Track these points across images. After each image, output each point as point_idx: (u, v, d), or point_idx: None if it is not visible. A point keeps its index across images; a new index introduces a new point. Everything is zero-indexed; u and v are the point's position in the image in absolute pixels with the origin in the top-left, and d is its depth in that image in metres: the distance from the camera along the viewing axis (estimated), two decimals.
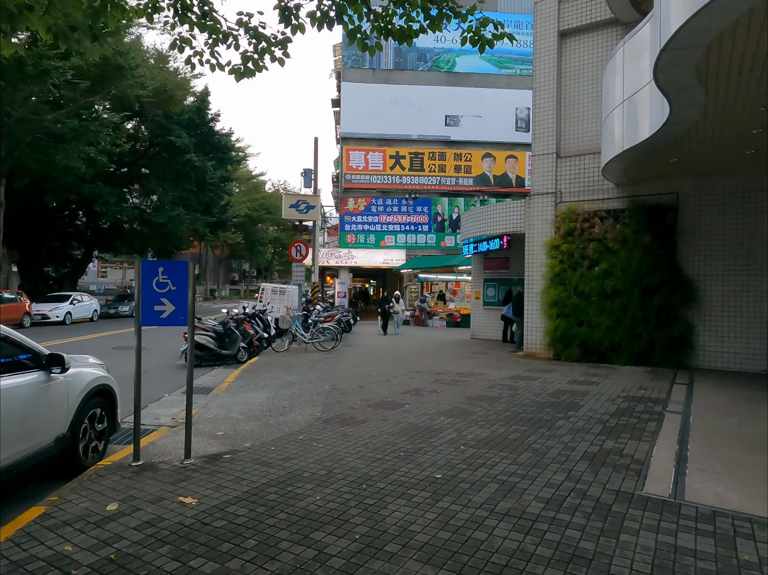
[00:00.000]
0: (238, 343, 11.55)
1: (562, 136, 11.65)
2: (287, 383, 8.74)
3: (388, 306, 18.18)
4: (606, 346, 10.58)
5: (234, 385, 8.76)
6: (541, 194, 11.74)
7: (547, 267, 11.39)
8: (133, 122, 30.20)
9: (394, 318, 18.38)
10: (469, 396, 7.51)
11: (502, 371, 9.83)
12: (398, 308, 18.67)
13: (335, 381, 8.78)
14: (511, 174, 27.66)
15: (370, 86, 26.35)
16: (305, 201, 14.00)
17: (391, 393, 7.79)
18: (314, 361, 11.25)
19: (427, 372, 9.75)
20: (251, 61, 4.02)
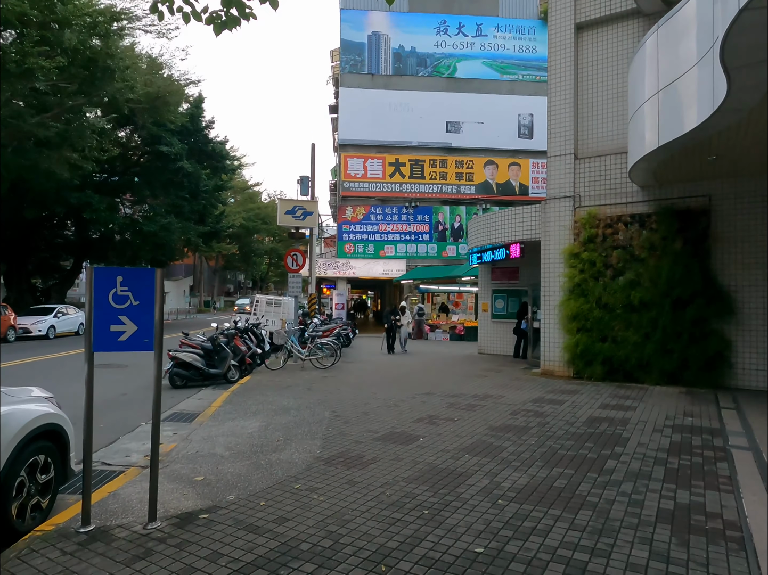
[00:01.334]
0: (228, 361, 10.52)
1: (580, 135, 10.79)
2: (282, 408, 7.71)
3: (395, 319, 15.90)
4: (633, 364, 9.61)
5: (222, 411, 7.73)
6: (558, 198, 10.85)
7: (566, 277, 10.46)
8: (125, 130, 29.34)
9: (402, 335, 16.22)
10: (492, 425, 6.50)
11: (521, 393, 8.84)
12: (404, 321, 16.46)
13: (336, 406, 7.76)
14: (514, 182, 26.89)
15: (368, 92, 25.61)
16: (302, 207, 13.09)
17: (401, 421, 6.78)
18: (312, 381, 10.23)
19: (439, 394, 8.75)
20: (234, 4, 3.08)
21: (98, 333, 3.51)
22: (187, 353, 10.17)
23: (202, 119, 30.82)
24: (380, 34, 25.73)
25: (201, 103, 30.87)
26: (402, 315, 16.29)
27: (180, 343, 11.04)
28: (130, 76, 18.81)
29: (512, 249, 12.47)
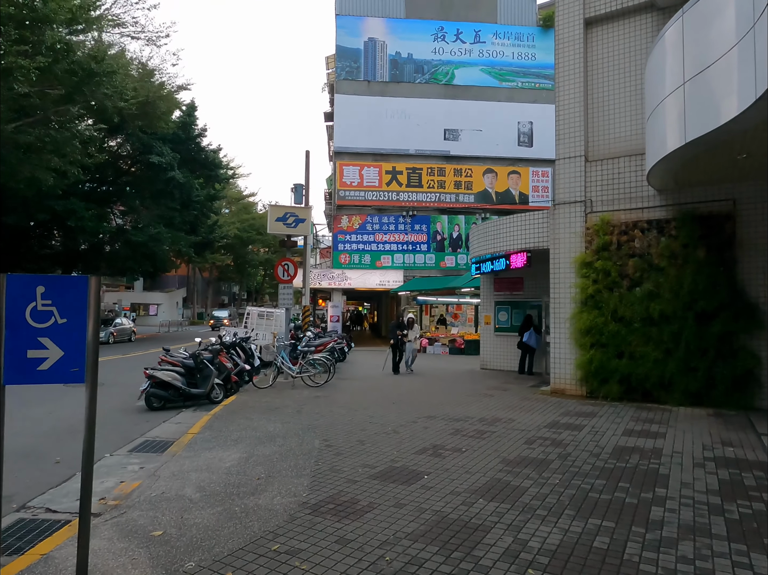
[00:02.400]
0: (211, 380, 9.65)
1: (591, 137, 10.09)
2: (267, 436, 6.85)
3: (402, 334, 13.55)
4: (654, 383, 8.81)
5: (199, 438, 6.86)
6: (568, 203, 10.11)
7: (578, 287, 9.68)
8: (115, 139, 28.62)
9: (407, 352, 13.91)
10: (506, 458, 5.66)
11: (533, 416, 8.00)
12: (412, 336, 13.96)
13: (328, 433, 6.90)
14: (514, 190, 26.26)
15: (364, 98, 25.02)
16: (294, 213, 12.31)
17: (401, 453, 5.93)
18: (303, 402, 9.36)
19: (442, 417, 7.90)
20: None
21: (10, 361, 2.67)
22: (165, 371, 9.29)
23: (195, 127, 30.20)
24: (376, 40, 25.22)
25: (193, 110, 30.28)
26: (410, 329, 13.98)
27: (159, 360, 10.18)
28: (118, 82, 18.05)
29: (517, 258, 11.70)
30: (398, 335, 13.51)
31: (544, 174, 25.72)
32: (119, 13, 21.59)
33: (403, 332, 13.58)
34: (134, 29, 22.56)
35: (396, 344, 13.60)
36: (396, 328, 13.73)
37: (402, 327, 13.74)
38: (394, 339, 13.59)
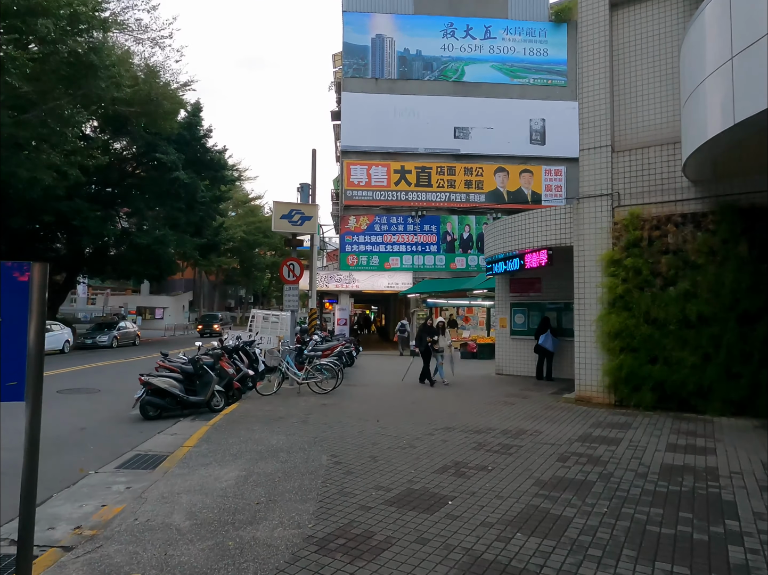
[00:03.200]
0: (211, 386, 9.02)
1: (618, 125, 9.39)
2: (269, 450, 6.19)
3: (431, 340, 11.66)
4: (691, 390, 8.07)
5: (195, 453, 6.22)
6: (593, 197, 9.41)
7: (605, 287, 8.97)
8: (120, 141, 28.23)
9: (438, 360, 12.02)
10: (539, 478, 4.97)
11: (561, 427, 7.29)
12: (443, 343, 11.90)
13: (336, 447, 6.24)
14: (526, 189, 25.53)
15: (372, 96, 24.43)
16: (299, 210, 11.67)
17: (419, 471, 5.26)
18: (309, 410, 8.70)
19: (461, 429, 7.21)
20: None
21: None
22: (162, 378, 8.67)
23: (200, 128, 29.72)
24: (384, 37, 24.65)
25: (199, 111, 29.81)
26: (441, 335, 11.95)
27: (156, 366, 9.57)
28: (116, 73, 17.53)
29: (537, 256, 10.99)
30: (428, 342, 11.60)
31: (557, 173, 24.99)
32: (123, 19, 21.20)
33: (433, 338, 11.65)
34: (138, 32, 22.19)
35: (426, 351, 11.71)
36: (423, 334, 11.85)
37: (432, 332, 11.80)
38: (421, 346, 11.73)
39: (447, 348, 12.16)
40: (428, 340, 11.61)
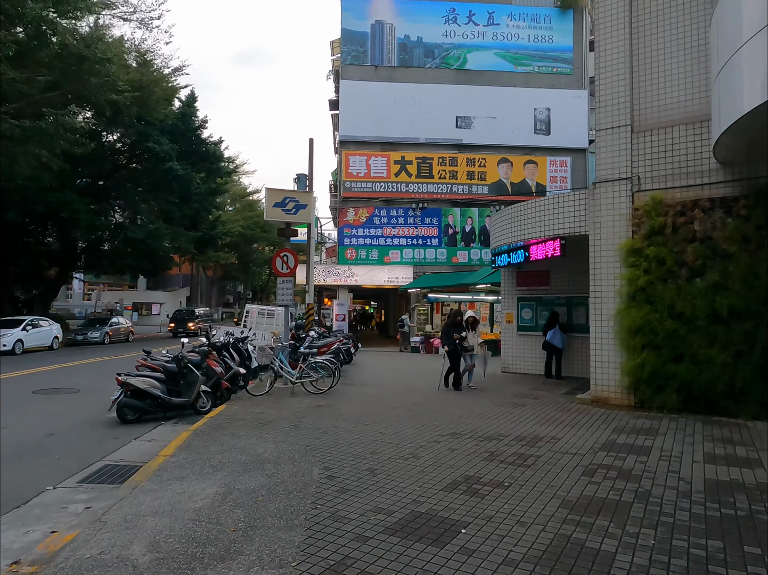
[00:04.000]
0: (196, 386, 8.30)
1: (638, 103, 8.63)
2: (255, 460, 5.48)
3: (459, 337, 10.13)
4: (721, 392, 7.36)
5: (171, 464, 5.50)
6: (611, 181, 8.67)
7: (625, 279, 8.24)
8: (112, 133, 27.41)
9: (467, 361, 10.46)
10: (566, 499, 4.26)
11: (580, 432, 6.58)
12: (472, 340, 10.41)
13: (330, 457, 5.52)
14: (531, 181, 24.75)
15: (372, 84, 23.60)
16: (294, 198, 10.92)
17: (425, 489, 4.54)
18: (302, 413, 7.99)
19: (469, 435, 6.49)
20: None
21: None
22: (141, 378, 7.95)
23: (195, 118, 28.90)
24: (384, 23, 23.82)
25: (193, 101, 28.99)
26: (471, 331, 10.44)
27: (137, 364, 8.85)
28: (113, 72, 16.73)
29: (546, 247, 10.25)
30: (456, 339, 10.05)
31: (562, 164, 24.22)
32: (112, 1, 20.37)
33: (461, 335, 10.11)
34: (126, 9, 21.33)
35: (455, 351, 10.14)
36: (450, 329, 10.22)
37: (459, 328, 10.20)
38: (449, 345, 10.10)
39: (478, 346, 10.54)
40: (456, 337, 10.05)
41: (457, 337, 10.10)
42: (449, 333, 10.23)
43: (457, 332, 10.16)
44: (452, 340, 10.12)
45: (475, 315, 10.96)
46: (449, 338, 10.18)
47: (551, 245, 10.15)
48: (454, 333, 10.14)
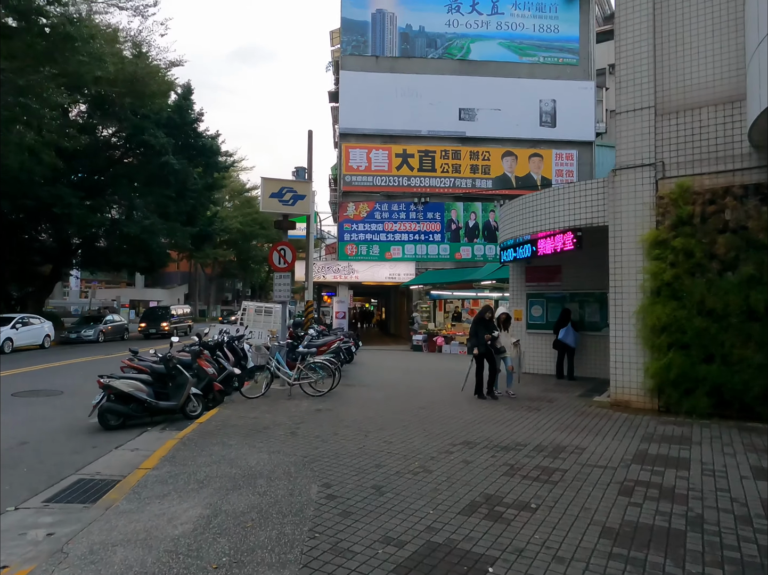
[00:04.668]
0: (186, 389, 7.69)
1: (662, 83, 8.00)
2: (246, 475, 4.87)
3: (490, 338, 8.77)
4: (756, 395, 6.75)
5: (152, 478, 4.90)
6: (633, 167, 8.05)
7: (649, 273, 7.63)
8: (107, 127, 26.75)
9: (506, 365, 9.07)
10: (605, 524, 3.65)
11: (606, 441, 5.98)
12: (505, 340, 9.11)
13: (330, 471, 4.92)
14: (536, 175, 24.11)
15: (372, 75, 22.93)
16: (291, 188, 10.29)
17: (440, 512, 3.93)
18: (300, 418, 7.38)
19: (484, 444, 5.89)
20: None
21: None
22: (126, 380, 7.33)
23: (191, 111, 28.22)
24: (385, 12, 23.13)
25: (189, 93, 28.31)
26: (503, 330, 9.17)
27: (122, 365, 8.24)
28: (96, 48, 16.08)
29: (558, 240, 9.62)
30: (487, 340, 8.73)
31: (568, 157, 23.56)
32: None
33: (492, 334, 8.79)
34: None
35: (487, 353, 8.78)
36: (480, 327, 8.82)
37: (490, 326, 8.88)
38: (479, 346, 8.76)
39: (512, 348, 9.20)
40: (486, 338, 8.69)
41: (488, 338, 8.71)
42: (478, 333, 8.79)
43: (487, 331, 8.77)
44: (482, 341, 8.73)
45: (508, 312, 9.59)
46: (478, 338, 8.77)
47: (564, 238, 9.52)
48: (485, 333, 8.73)
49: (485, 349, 8.77)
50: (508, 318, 9.50)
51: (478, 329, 8.84)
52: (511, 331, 9.56)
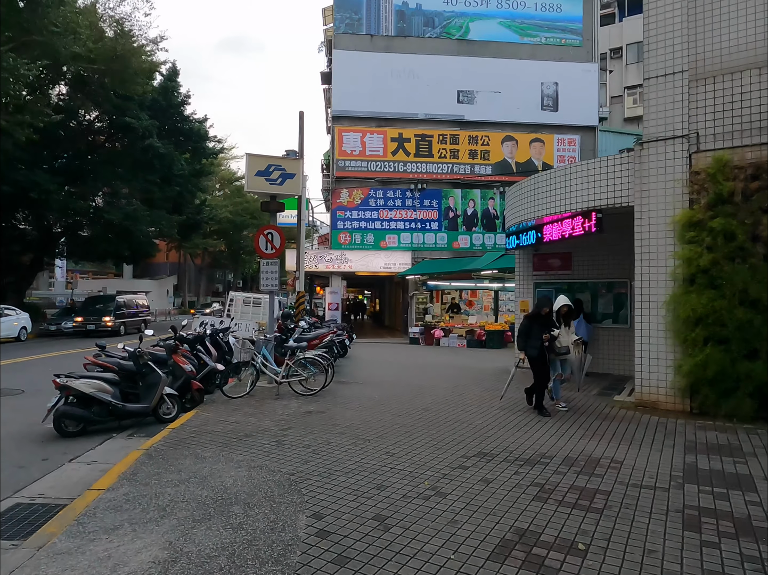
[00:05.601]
0: (158, 389, 6.76)
1: (697, 44, 7.10)
2: (219, 499, 3.98)
3: (551, 336, 6.96)
4: None
5: (103, 504, 4.00)
6: (663, 140, 7.16)
7: (681, 258, 6.78)
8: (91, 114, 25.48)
9: (564, 371, 7.37)
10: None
11: (643, 451, 5.13)
12: (565, 339, 7.21)
13: (322, 496, 4.03)
14: (537, 160, 23.19)
15: (367, 55, 21.84)
16: (279, 166, 9.32)
17: (463, 556, 3.06)
18: (288, 422, 6.48)
19: (504, 457, 5.02)
20: None
21: None
22: (87, 380, 6.38)
23: (177, 94, 27.00)
24: None
25: (176, 75, 27.09)
26: (563, 326, 7.26)
27: (85, 362, 7.28)
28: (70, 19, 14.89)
29: (577, 223, 8.72)
30: (545, 340, 6.84)
31: (570, 142, 22.68)
32: None
33: (551, 332, 6.90)
34: None
35: (542, 356, 6.90)
36: (536, 326, 6.93)
37: (549, 323, 7.01)
38: (531, 351, 6.89)
39: (574, 347, 7.24)
40: (545, 338, 6.81)
41: (547, 338, 6.82)
42: (532, 332, 6.93)
43: (545, 329, 6.86)
44: (537, 342, 6.82)
45: (569, 303, 7.42)
46: (533, 339, 6.88)
47: (575, 221, 8.63)
48: (544, 331, 6.84)
49: (539, 352, 6.88)
50: (570, 310, 7.43)
51: (532, 327, 6.97)
52: (571, 327, 7.46)
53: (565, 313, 7.36)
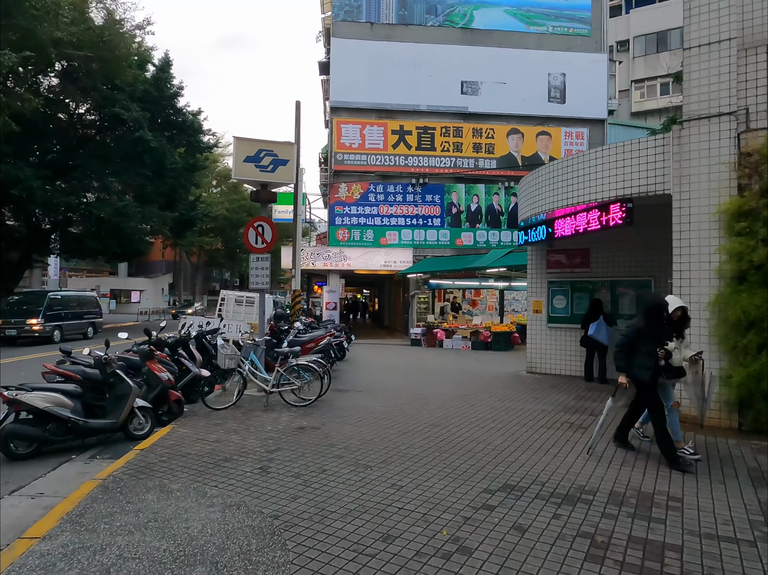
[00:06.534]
0: (128, 402, 5.86)
1: (747, 8, 6.22)
2: (180, 556, 3.08)
3: (664, 352, 4.87)
4: None
5: (31, 562, 3.09)
6: (707, 117, 6.28)
7: (730, 253, 5.91)
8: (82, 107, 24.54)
9: (671, 396, 5.20)
10: None
11: (704, 484, 4.26)
12: (679, 355, 5.08)
13: (312, 552, 3.14)
14: (543, 154, 22.25)
15: (367, 44, 20.89)
16: (271, 151, 8.41)
17: None
18: (276, 441, 5.58)
19: (535, 490, 4.13)
20: None
21: None
22: (42, 393, 5.46)
23: (170, 85, 26.05)
24: None
25: (168, 66, 26.11)
26: (677, 339, 5.12)
27: (44, 371, 6.37)
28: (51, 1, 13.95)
29: (606, 213, 7.83)
30: (660, 356, 4.89)
31: (578, 135, 21.78)
32: None
33: (666, 347, 4.90)
34: None
35: (654, 380, 4.95)
36: (648, 337, 4.95)
37: (660, 332, 4.97)
38: (642, 374, 4.92)
39: (689, 366, 5.19)
40: (660, 353, 4.87)
41: (662, 353, 4.87)
42: (635, 345, 5.02)
43: (657, 342, 4.90)
44: (650, 360, 4.89)
45: (685, 306, 5.22)
46: (641, 355, 4.96)
47: (613, 209, 7.74)
48: (656, 346, 4.88)
49: (652, 373, 4.89)
50: (685, 315, 5.24)
51: (641, 338, 4.98)
52: (686, 339, 5.50)
53: (678, 319, 5.16)
